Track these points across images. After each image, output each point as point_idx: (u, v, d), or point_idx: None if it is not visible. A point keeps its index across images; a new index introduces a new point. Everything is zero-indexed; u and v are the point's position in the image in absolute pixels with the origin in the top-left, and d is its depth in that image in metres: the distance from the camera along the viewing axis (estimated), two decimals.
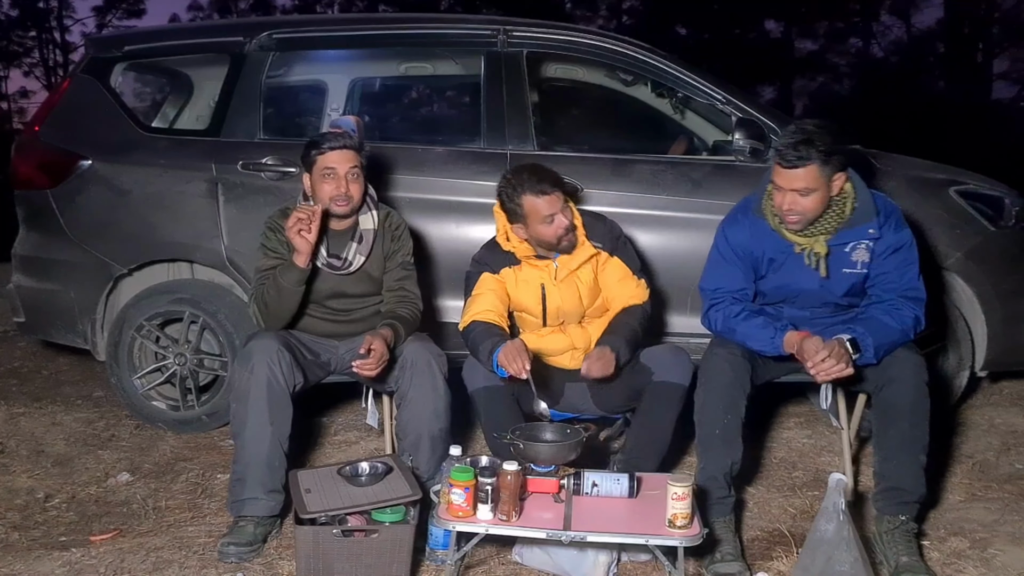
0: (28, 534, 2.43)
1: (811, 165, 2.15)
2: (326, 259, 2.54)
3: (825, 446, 3.09)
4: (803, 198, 2.19)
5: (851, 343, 2.17)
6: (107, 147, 3.24)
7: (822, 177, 2.17)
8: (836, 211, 2.25)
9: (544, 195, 2.40)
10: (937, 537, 2.36)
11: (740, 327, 2.32)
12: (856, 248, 2.30)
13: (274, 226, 2.55)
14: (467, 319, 2.52)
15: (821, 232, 2.27)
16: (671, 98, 3.54)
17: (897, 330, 2.23)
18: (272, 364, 2.34)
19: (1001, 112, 20.10)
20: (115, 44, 3.46)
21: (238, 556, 2.22)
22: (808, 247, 2.28)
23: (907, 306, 2.27)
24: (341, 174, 2.47)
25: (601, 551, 2.08)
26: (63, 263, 3.25)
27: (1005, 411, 3.43)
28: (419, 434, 2.42)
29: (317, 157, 2.48)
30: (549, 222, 2.42)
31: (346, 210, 2.52)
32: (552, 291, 2.52)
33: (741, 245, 2.38)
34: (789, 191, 2.19)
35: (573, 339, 2.56)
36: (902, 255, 2.30)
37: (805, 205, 2.20)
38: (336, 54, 3.76)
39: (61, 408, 3.51)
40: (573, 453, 2.12)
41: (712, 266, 2.44)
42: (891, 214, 2.31)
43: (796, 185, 2.18)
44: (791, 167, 2.17)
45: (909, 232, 2.32)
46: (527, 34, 3.23)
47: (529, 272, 2.53)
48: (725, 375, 2.26)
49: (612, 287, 2.55)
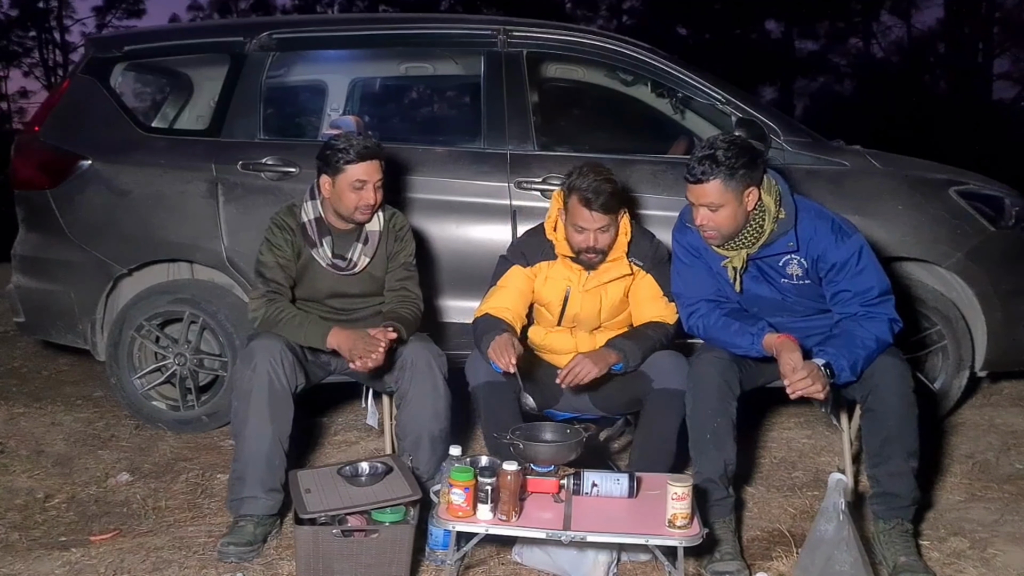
0: (28, 534, 2.43)
1: (715, 180, 2.17)
2: (330, 259, 2.54)
3: (825, 446, 3.08)
4: (713, 213, 2.21)
5: (826, 367, 2.14)
6: (107, 147, 3.24)
7: (728, 192, 2.18)
8: (754, 225, 2.26)
9: (588, 207, 2.37)
10: (937, 537, 2.36)
11: (720, 336, 2.33)
12: (788, 263, 2.31)
13: (281, 223, 2.54)
14: (482, 310, 2.53)
15: (741, 246, 2.28)
16: (671, 98, 3.54)
17: (873, 338, 2.21)
18: (274, 364, 2.34)
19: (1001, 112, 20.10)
20: (115, 44, 3.46)
21: (238, 556, 2.22)
22: (728, 261, 2.30)
23: (877, 312, 2.25)
24: (371, 185, 2.46)
25: (601, 551, 2.08)
26: (63, 263, 3.25)
27: (1005, 411, 3.43)
28: (419, 434, 2.42)
29: (347, 167, 2.43)
30: (579, 231, 2.42)
31: (369, 218, 2.52)
32: (575, 296, 2.51)
33: (695, 247, 2.40)
34: (700, 206, 2.22)
35: (579, 343, 2.56)
36: (852, 268, 2.26)
37: (718, 220, 2.21)
38: (336, 54, 3.76)
39: (61, 408, 3.50)
40: (573, 453, 2.13)
41: (678, 273, 2.46)
42: (827, 225, 2.27)
43: (704, 200, 2.20)
44: (695, 182, 2.20)
45: (855, 240, 2.27)
46: (527, 34, 3.23)
47: (561, 270, 2.52)
48: (713, 379, 2.26)
49: (641, 304, 2.54)
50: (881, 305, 2.26)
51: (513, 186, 3.07)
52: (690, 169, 2.20)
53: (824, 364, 2.14)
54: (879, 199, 3.02)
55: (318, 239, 2.53)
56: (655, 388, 2.41)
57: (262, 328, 2.47)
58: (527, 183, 3.06)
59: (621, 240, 2.49)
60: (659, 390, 2.40)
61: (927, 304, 3.11)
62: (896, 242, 3.00)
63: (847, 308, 2.28)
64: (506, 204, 3.07)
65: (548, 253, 2.53)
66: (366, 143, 2.47)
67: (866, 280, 2.26)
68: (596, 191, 2.36)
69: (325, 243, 2.53)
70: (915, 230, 3.04)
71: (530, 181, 3.06)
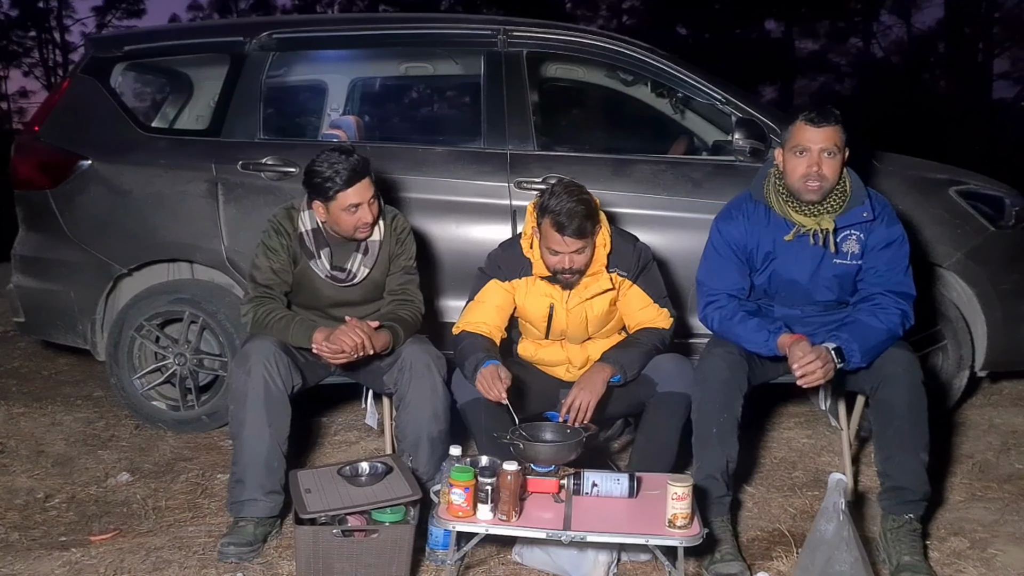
0: (28, 534, 2.43)
1: (838, 125, 2.24)
2: (329, 271, 2.52)
3: (825, 446, 3.08)
4: (829, 158, 2.23)
5: (836, 352, 2.18)
6: (107, 147, 3.24)
7: (842, 139, 2.25)
8: (840, 189, 2.30)
9: (560, 232, 2.31)
10: (937, 537, 2.36)
11: (736, 329, 2.33)
12: (847, 239, 2.33)
13: (278, 227, 2.52)
14: (460, 326, 2.51)
15: (826, 211, 2.30)
16: (671, 98, 3.54)
17: (884, 330, 2.24)
18: (269, 366, 2.34)
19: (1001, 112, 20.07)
20: (115, 44, 3.46)
21: (238, 556, 2.22)
22: (814, 226, 2.30)
23: (894, 303, 2.28)
24: (365, 205, 2.43)
25: (601, 551, 2.08)
26: (63, 263, 3.25)
27: (1005, 411, 3.43)
28: (418, 436, 2.41)
29: (337, 195, 2.39)
30: (553, 253, 2.38)
31: (368, 233, 2.50)
32: (560, 312, 2.48)
33: (735, 240, 2.39)
34: (817, 150, 2.23)
35: (570, 355, 2.55)
36: (892, 250, 2.32)
37: (830, 167, 2.24)
38: (336, 54, 3.76)
39: (61, 408, 3.50)
40: (573, 453, 2.13)
41: (708, 261, 2.45)
42: (884, 207, 2.35)
43: (826, 143, 2.23)
44: (821, 124, 2.22)
45: (901, 228, 2.35)
46: (527, 34, 3.23)
47: (542, 286, 2.47)
48: (721, 374, 2.26)
49: (633, 315, 2.52)
50: (900, 297, 2.29)
51: (513, 186, 3.07)
52: (813, 115, 2.24)
53: (835, 348, 2.17)
54: None
55: (316, 250, 2.51)
56: (659, 391, 2.40)
57: (254, 331, 2.47)
58: (527, 183, 3.06)
59: (600, 254, 2.43)
60: (663, 393, 2.39)
61: (927, 304, 3.10)
62: None
63: (873, 287, 2.32)
64: (506, 204, 3.07)
65: (526, 270, 2.49)
66: (351, 164, 2.39)
67: (899, 270, 2.32)
68: (569, 215, 2.29)
69: (323, 254, 2.51)
70: (915, 230, 3.03)
71: (530, 181, 3.06)
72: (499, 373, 2.30)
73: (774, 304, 2.43)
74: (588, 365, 2.53)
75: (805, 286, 2.37)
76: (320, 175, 2.38)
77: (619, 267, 2.47)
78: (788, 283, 2.38)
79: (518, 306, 2.53)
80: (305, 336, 2.40)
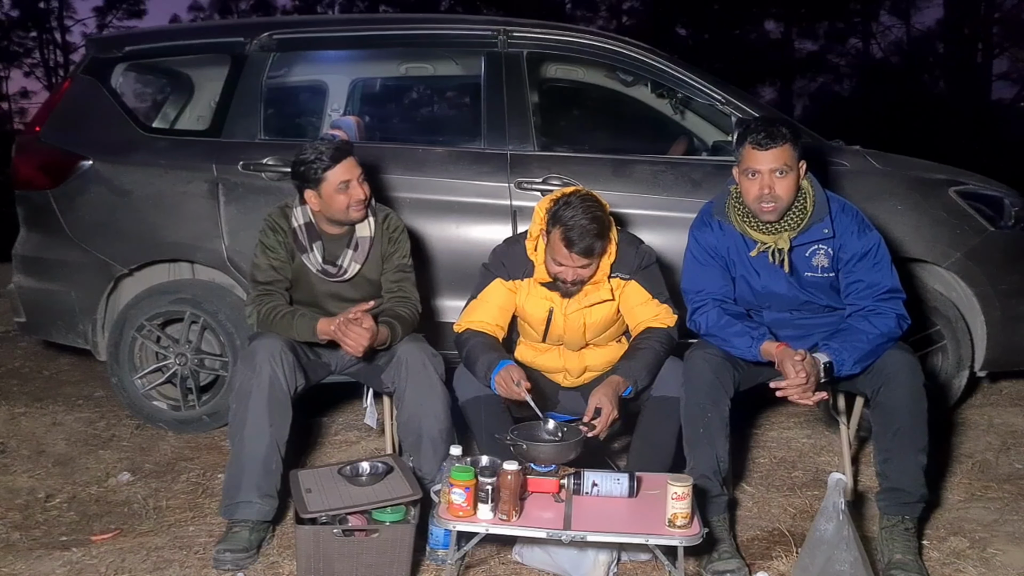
0: (29, 534, 2.43)
1: (787, 144, 2.22)
2: (321, 266, 2.54)
3: (825, 446, 3.09)
4: (780, 179, 2.22)
5: (826, 367, 2.18)
6: (108, 147, 3.25)
7: (794, 157, 2.24)
8: (799, 206, 2.29)
9: (568, 247, 2.27)
10: (937, 537, 2.37)
11: (721, 334, 2.34)
12: (815, 253, 2.33)
13: (273, 224, 2.54)
14: (464, 324, 2.51)
15: (784, 228, 2.29)
16: (671, 98, 3.55)
17: (880, 335, 2.24)
18: (275, 365, 2.34)
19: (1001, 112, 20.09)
20: (116, 44, 3.47)
21: (235, 563, 2.19)
22: (772, 244, 2.30)
23: (886, 308, 2.28)
24: (355, 181, 2.46)
25: (601, 551, 2.09)
26: (64, 263, 3.26)
27: (1005, 411, 3.43)
28: (419, 435, 2.42)
29: (326, 174, 2.41)
30: (558, 264, 2.36)
31: (364, 214, 2.52)
32: (558, 318, 2.46)
33: (712, 246, 2.40)
34: (767, 171, 2.22)
35: (566, 362, 2.55)
36: (870, 260, 2.31)
37: (782, 187, 2.23)
38: (337, 55, 3.76)
39: (62, 408, 3.51)
40: (573, 453, 2.13)
41: (689, 269, 2.45)
42: (853, 218, 2.33)
43: (776, 163, 2.21)
44: (769, 146, 2.21)
45: (875, 235, 2.33)
46: (527, 34, 3.24)
47: (542, 290, 2.46)
48: (706, 375, 2.27)
49: (633, 311, 2.48)
50: (891, 301, 2.29)
51: (513, 186, 3.07)
52: (761, 137, 2.21)
53: (826, 363, 2.17)
54: (879, 199, 3.02)
55: (308, 244, 2.52)
56: (653, 395, 2.39)
57: (260, 329, 2.48)
58: (527, 183, 3.07)
59: (603, 264, 2.40)
60: (657, 397, 2.38)
61: (927, 304, 3.11)
62: (896, 242, 3.01)
63: (859, 300, 2.31)
64: (506, 204, 3.08)
65: (529, 271, 2.47)
66: (333, 145, 2.46)
67: (880, 275, 2.31)
68: (581, 233, 2.25)
69: (315, 248, 2.53)
70: (915, 230, 3.04)
71: (530, 181, 3.07)
72: (515, 374, 2.29)
73: (763, 311, 2.43)
74: (585, 374, 2.54)
75: (785, 295, 2.37)
76: (305, 161, 2.44)
77: (620, 271, 2.45)
78: (767, 294, 2.39)
79: (518, 306, 2.53)
80: (309, 329, 2.42)
